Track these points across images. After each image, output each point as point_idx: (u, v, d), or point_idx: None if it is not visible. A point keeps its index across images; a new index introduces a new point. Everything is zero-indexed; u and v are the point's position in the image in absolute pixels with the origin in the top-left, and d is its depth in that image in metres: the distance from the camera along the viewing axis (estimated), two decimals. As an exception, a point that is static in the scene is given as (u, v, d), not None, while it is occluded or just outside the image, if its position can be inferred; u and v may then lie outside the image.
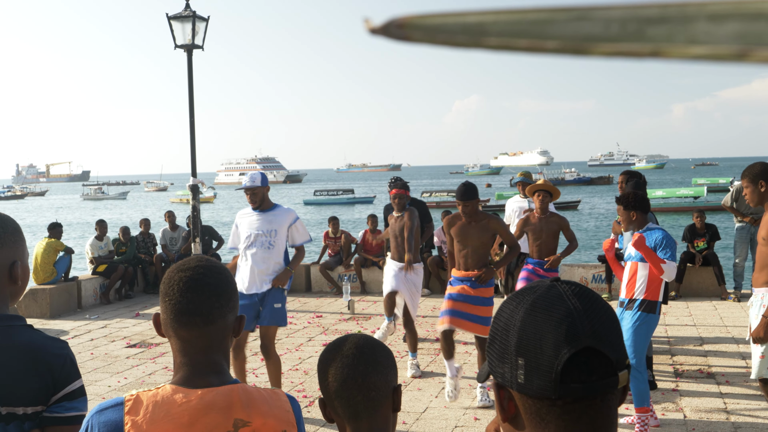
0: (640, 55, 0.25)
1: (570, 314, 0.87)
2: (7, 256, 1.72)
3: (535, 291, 0.90)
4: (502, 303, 0.94)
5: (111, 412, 1.42)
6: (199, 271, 1.46)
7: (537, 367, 0.86)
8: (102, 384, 6.34)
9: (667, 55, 0.24)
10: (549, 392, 0.86)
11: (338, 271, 10.81)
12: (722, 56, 0.24)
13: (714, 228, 9.62)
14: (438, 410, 5.38)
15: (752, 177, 4.41)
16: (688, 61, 0.25)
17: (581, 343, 0.86)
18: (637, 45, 0.25)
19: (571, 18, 0.25)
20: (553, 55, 0.26)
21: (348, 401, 1.41)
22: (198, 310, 1.43)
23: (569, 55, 0.25)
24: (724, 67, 7.13)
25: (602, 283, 9.77)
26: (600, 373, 0.87)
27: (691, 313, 8.47)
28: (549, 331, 0.86)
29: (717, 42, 0.24)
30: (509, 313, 0.90)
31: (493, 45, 0.26)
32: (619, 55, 0.25)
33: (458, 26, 0.26)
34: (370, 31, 0.28)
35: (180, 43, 9.96)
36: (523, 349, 0.87)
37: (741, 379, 5.88)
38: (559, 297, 0.89)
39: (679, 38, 0.24)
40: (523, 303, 0.90)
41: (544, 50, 0.25)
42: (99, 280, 10.48)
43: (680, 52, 0.24)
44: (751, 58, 0.24)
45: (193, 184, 10.31)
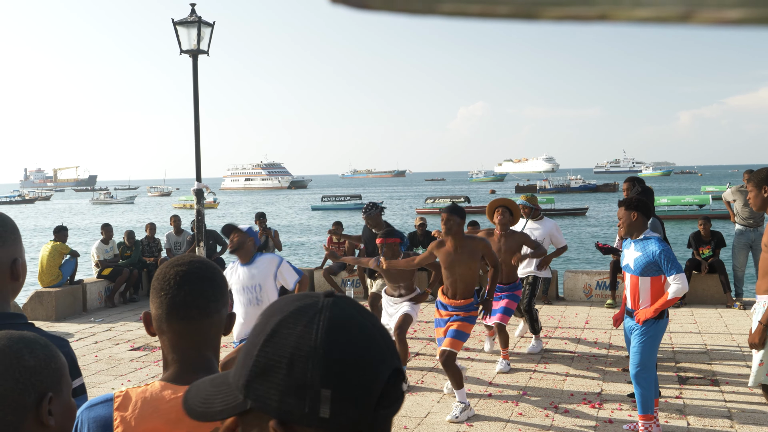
0: (588, 19, 0.25)
1: (373, 329, 0.77)
2: (8, 254, 1.74)
3: (319, 309, 0.76)
4: (274, 328, 0.75)
5: (101, 408, 1.43)
6: (194, 266, 1.48)
7: (351, 397, 0.73)
8: (106, 386, 6.34)
9: (614, 17, 0.25)
10: (365, 423, 0.74)
11: (342, 277, 10.81)
12: (667, 18, 0.24)
13: (719, 235, 9.58)
14: (440, 415, 5.37)
15: (757, 182, 4.41)
16: (635, 24, 0.25)
17: (395, 361, 0.76)
18: (585, 8, 0.25)
19: (522, -17, 0.26)
20: (504, 20, 0.26)
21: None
22: (195, 302, 1.44)
23: (520, 19, 0.26)
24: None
25: (606, 290, 9.74)
26: (400, 393, 0.77)
27: (696, 321, 8.43)
28: (362, 353, 0.74)
29: (662, 4, 0.24)
30: (295, 339, 0.74)
31: (447, 11, 0.26)
32: (568, 18, 0.26)
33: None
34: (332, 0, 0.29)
35: (185, 49, 10.01)
36: (332, 378, 0.72)
37: (745, 387, 5.84)
38: (354, 311, 0.77)
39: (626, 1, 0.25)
40: (313, 325, 0.74)
41: (496, 15, 0.26)
42: (104, 283, 10.51)
43: (627, 14, 0.25)
44: (695, 20, 0.24)
45: (197, 189, 10.34)
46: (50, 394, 1.28)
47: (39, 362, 1.28)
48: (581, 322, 8.53)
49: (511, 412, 5.41)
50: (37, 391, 1.26)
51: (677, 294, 4.54)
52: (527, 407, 5.52)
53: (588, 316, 8.85)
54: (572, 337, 7.82)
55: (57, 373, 1.30)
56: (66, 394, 1.33)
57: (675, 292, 4.53)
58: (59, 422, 1.29)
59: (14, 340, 1.30)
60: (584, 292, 9.95)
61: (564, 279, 10.21)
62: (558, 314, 9.01)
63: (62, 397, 1.31)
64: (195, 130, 10.26)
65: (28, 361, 1.27)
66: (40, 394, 1.27)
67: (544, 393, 5.88)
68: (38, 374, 1.27)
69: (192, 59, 10.09)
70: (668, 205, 35.34)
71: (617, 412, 5.34)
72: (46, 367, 1.28)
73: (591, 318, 8.75)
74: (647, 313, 4.59)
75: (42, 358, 1.29)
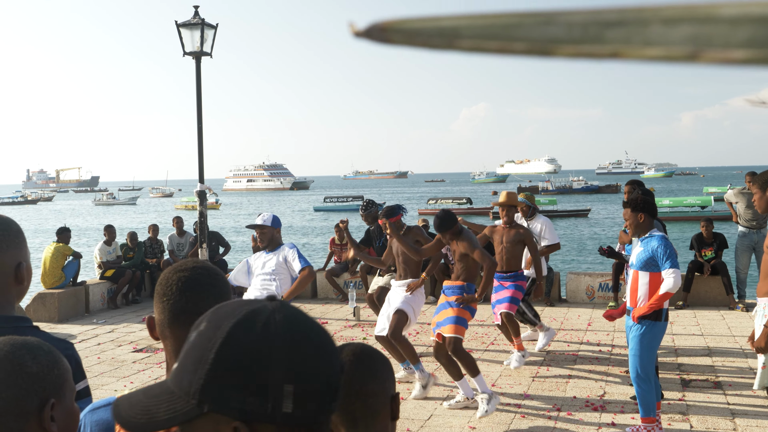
0: (600, 56, 0.27)
1: (321, 327, 0.83)
2: (13, 258, 1.76)
3: (271, 311, 0.80)
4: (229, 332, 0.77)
5: (103, 411, 1.44)
6: (197, 272, 1.48)
7: (312, 391, 0.77)
8: (108, 388, 6.36)
9: (625, 56, 0.26)
10: (324, 414, 0.79)
11: (344, 278, 10.82)
12: (676, 57, 0.26)
13: (721, 237, 9.58)
14: (443, 418, 5.38)
15: (761, 184, 4.43)
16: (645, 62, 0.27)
17: (339, 356, 0.82)
18: (597, 47, 0.27)
19: (538, 22, 0.27)
20: (521, 56, 0.28)
21: (346, 409, 1.42)
22: (197, 308, 1.45)
23: (536, 56, 0.27)
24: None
25: (609, 292, 9.75)
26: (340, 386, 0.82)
27: (699, 323, 8.44)
28: (319, 348, 0.79)
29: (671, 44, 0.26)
30: (254, 340, 0.77)
31: (466, 47, 0.28)
32: (581, 56, 0.27)
33: (434, 30, 0.28)
34: (355, 34, 0.31)
35: (189, 51, 10.05)
36: (294, 374, 0.76)
37: (749, 389, 5.85)
38: (300, 311, 0.82)
39: (636, 40, 0.26)
40: (270, 325, 0.78)
41: (513, 52, 0.27)
42: (107, 284, 10.54)
43: (637, 53, 0.26)
44: (702, 59, 0.26)
45: (200, 191, 10.37)
46: (53, 400, 1.29)
47: (42, 368, 1.29)
48: (584, 324, 8.54)
49: (514, 415, 5.42)
50: (39, 397, 1.27)
51: (670, 289, 4.54)
52: (530, 410, 5.53)
53: (590, 318, 8.86)
54: (575, 339, 7.83)
55: (60, 379, 1.32)
56: (69, 399, 1.34)
57: (668, 287, 4.54)
58: (62, 428, 1.30)
59: (17, 346, 1.31)
60: (587, 293, 9.96)
61: (566, 281, 10.21)
62: (560, 316, 9.02)
63: (65, 403, 1.32)
64: (198, 132, 10.29)
65: (31, 367, 1.28)
66: (43, 400, 1.28)
67: (547, 395, 5.89)
68: (41, 380, 1.28)
69: (195, 61, 10.13)
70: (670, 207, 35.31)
71: (620, 415, 5.34)
72: (49, 373, 1.29)
73: (593, 320, 8.76)
74: (641, 309, 4.61)
75: (45, 364, 1.30)
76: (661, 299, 4.58)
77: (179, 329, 1.45)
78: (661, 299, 4.58)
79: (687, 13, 0.26)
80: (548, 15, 0.27)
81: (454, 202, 47.69)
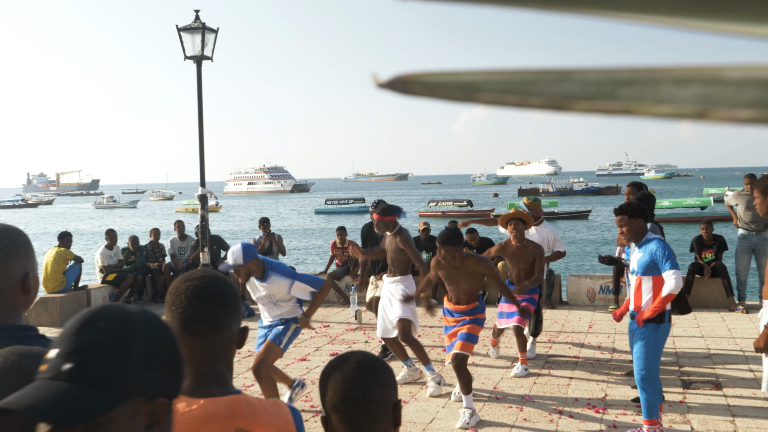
0: (613, 113, 0.28)
1: None
2: (20, 268, 1.77)
3: (134, 308, 1.00)
4: (136, 329, 0.97)
5: None
6: (205, 281, 1.50)
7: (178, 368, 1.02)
8: (111, 393, 6.38)
9: (637, 113, 0.28)
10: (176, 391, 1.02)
11: (345, 281, 10.84)
12: (685, 115, 0.28)
13: (721, 239, 9.60)
14: (445, 421, 5.39)
15: (763, 188, 4.44)
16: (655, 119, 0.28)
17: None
18: (610, 103, 0.28)
19: (554, 79, 0.29)
20: (537, 110, 0.29)
21: (349, 415, 1.44)
22: (205, 318, 1.47)
23: (552, 110, 0.29)
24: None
25: (610, 294, 9.76)
26: None
27: (699, 325, 8.45)
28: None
29: (680, 102, 0.28)
30: (149, 329, 0.97)
31: (485, 100, 0.29)
32: (595, 111, 0.29)
33: (455, 83, 0.30)
34: (378, 85, 0.32)
35: (189, 55, 10.07)
36: (179, 353, 1.03)
37: (749, 391, 5.86)
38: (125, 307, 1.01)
39: (648, 98, 0.28)
40: (157, 319, 1.02)
41: (530, 106, 0.29)
42: (108, 288, 10.55)
43: (648, 110, 0.28)
44: (709, 117, 0.27)
45: (201, 194, 10.38)
46: None
47: None
48: (585, 327, 8.55)
49: (516, 417, 5.43)
50: None
51: (672, 290, 4.56)
52: (532, 412, 5.55)
53: (591, 321, 8.87)
54: (576, 341, 7.84)
55: None
56: None
57: (669, 288, 4.56)
58: None
59: (24, 355, 1.32)
60: (587, 296, 9.97)
61: (567, 283, 10.23)
62: (561, 319, 9.03)
63: None
64: (199, 136, 10.31)
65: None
66: None
67: (549, 398, 5.90)
68: None
69: (196, 65, 10.15)
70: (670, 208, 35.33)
71: (621, 417, 5.36)
72: None
73: (594, 322, 8.77)
74: (645, 313, 4.63)
75: None
76: (664, 301, 4.60)
77: (188, 338, 1.47)
78: (664, 301, 4.60)
79: (696, 74, 0.27)
80: (564, 72, 0.29)
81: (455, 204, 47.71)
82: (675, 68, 0.28)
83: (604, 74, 0.28)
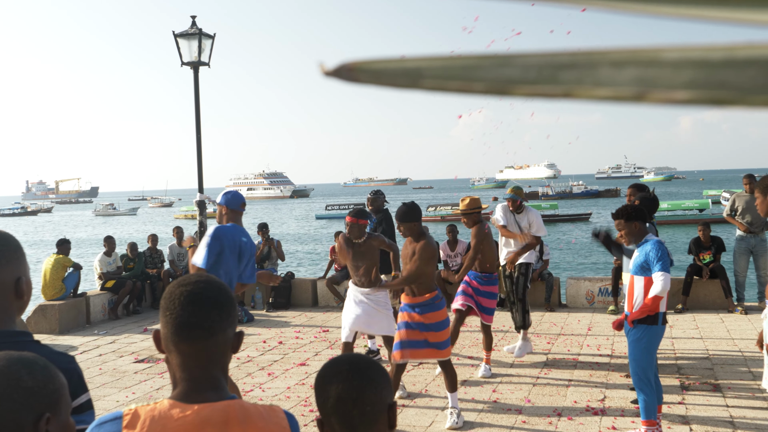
0: (553, 96, 0.28)
1: None
2: (12, 273, 1.77)
3: None
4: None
5: (110, 425, 1.45)
6: (199, 286, 1.49)
7: None
8: (110, 399, 6.36)
9: (576, 96, 0.28)
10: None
11: (345, 286, 10.81)
12: (623, 97, 0.28)
13: (719, 240, 9.60)
14: (443, 424, 5.38)
15: (763, 188, 4.45)
16: (595, 101, 0.28)
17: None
18: (551, 87, 0.29)
19: (495, 64, 0.29)
20: (480, 95, 0.29)
21: (344, 417, 1.44)
22: (199, 323, 1.46)
23: (494, 95, 0.29)
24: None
25: (609, 296, 9.75)
26: None
27: (698, 326, 8.44)
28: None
29: (618, 85, 0.28)
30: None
31: (429, 86, 0.29)
32: (536, 95, 0.29)
33: (399, 70, 0.30)
34: (324, 73, 0.32)
35: (186, 61, 10.08)
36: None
37: (748, 392, 5.85)
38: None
39: (587, 81, 0.28)
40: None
41: (473, 91, 0.29)
42: (107, 295, 10.54)
43: (588, 93, 0.28)
44: (648, 99, 0.27)
45: (200, 200, 10.38)
46: (48, 414, 1.30)
47: (37, 383, 1.30)
48: (584, 329, 8.54)
49: (515, 420, 5.42)
50: (34, 412, 1.29)
51: (659, 292, 4.56)
52: (530, 415, 5.53)
53: (590, 323, 8.86)
54: (575, 344, 7.83)
55: (55, 393, 1.33)
56: (64, 414, 1.35)
57: (656, 291, 4.56)
58: None
59: (13, 360, 1.32)
60: (586, 298, 9.96)
61: (566, 286, 10.22)
62: (560, 321, 9.02)
63: (60, 418, 1.34)
64: (197, 142, 10.31)
65: (26, 381, 1.29)
66: (38, 415, 1.29)
67: (547, 400, 5.89)
68: (36, 395, 1.29)
69: (193, 71, 10.16)
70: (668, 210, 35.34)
71: (620, 419, 5.35)
72: (44, 388, 1.31)
73: (593, 325, 8.76)
74: (635, 313, 4.65)
75: (40, 378, 1.31)
76: (652, 302, 4.59)
77: (182, 343, 1.46)
78: (652, 302, 4.59)
79: (633, 56, 0.27)
80: (505, 57, 0.29)
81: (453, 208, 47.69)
82: (612, 51, 0.28)
83: (544, 58, 0.28)
